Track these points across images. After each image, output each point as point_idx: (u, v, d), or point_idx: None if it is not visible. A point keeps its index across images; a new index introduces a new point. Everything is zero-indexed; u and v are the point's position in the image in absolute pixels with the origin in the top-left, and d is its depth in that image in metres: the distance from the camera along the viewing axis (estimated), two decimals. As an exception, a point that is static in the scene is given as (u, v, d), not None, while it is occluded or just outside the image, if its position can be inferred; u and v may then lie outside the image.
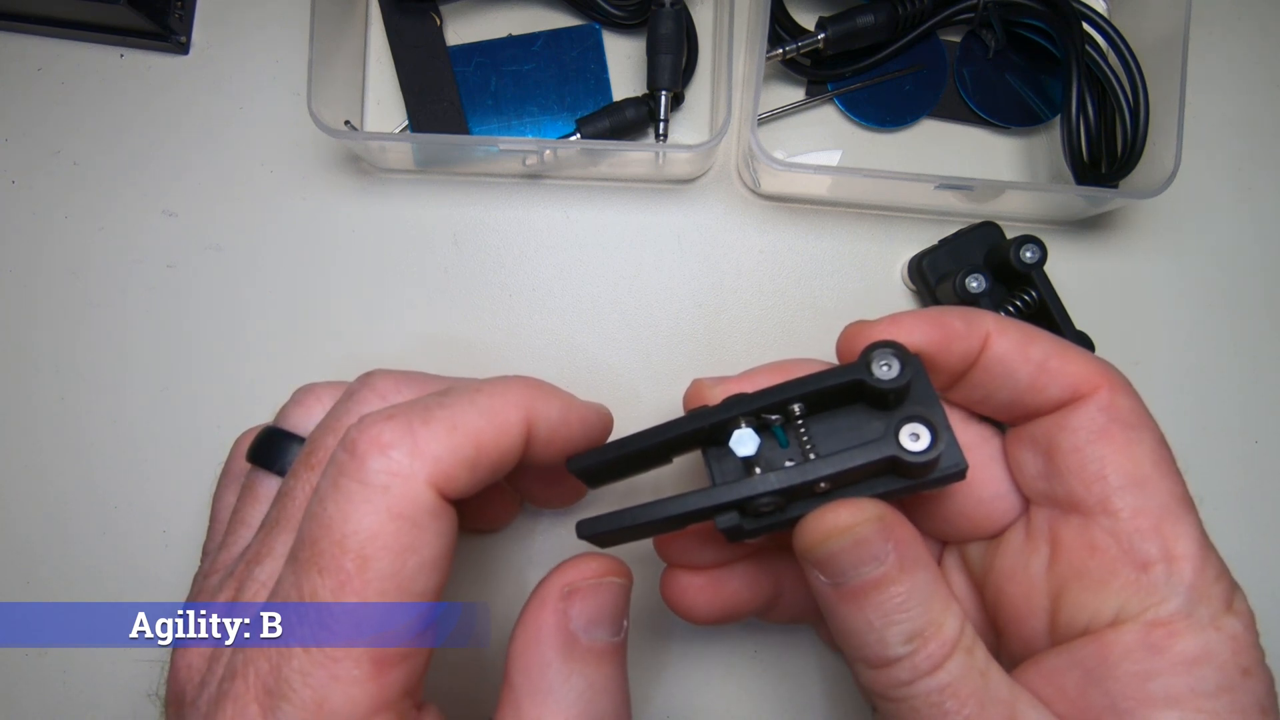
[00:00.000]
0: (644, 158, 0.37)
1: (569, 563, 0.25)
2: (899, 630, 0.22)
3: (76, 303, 0.39)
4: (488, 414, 0.23)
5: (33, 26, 0.40)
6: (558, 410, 0.25)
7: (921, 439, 0.22)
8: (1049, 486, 0.25)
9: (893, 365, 0.23)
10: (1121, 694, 0.21)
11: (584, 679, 0.23)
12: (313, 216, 0.39)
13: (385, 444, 0.21)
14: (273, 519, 0.24)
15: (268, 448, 0.28)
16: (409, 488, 0.21)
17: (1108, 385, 0.24)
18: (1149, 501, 0.23)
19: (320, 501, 0.21)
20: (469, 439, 0.22)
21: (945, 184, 0.36)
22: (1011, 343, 0.24)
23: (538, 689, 0.23)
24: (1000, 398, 0.25)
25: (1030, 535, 0.25)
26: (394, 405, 0.23)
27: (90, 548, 0.37)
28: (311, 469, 0.24)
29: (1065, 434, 0.24)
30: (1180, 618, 0.22)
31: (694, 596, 0.29)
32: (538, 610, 0.24)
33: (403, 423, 0.22)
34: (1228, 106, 0.41)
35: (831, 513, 0.23)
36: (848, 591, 0.23)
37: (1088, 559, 0.23)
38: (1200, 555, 0.22)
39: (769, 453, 0.24)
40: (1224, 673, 0.21)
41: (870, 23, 0.38)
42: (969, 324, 0.25)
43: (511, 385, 0.24)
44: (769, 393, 0.24)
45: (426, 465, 0.21)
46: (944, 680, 0.22)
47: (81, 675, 0.37)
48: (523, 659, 0.23)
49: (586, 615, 0.24)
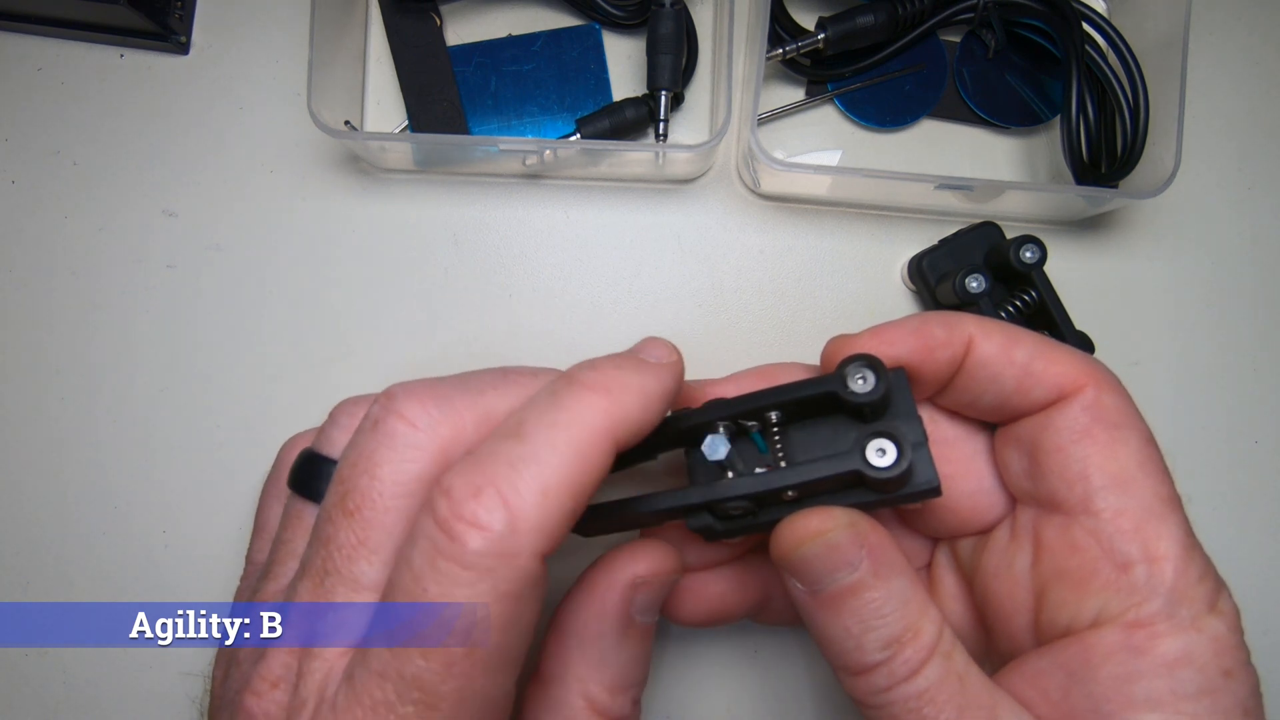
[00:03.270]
0: (644, 158, 0.37)
1: (642, 551, 0.25)
2: (875, 636, 0.22)
3: (77, 303, 0.39)
4: (575, 455, 0.21)
5: (33, 26, 0.40)
6: (638, 410, 0.23)
7: (887, 454, 0.22)
8: (1033, 486, 0.25)
9: (868, 379, 0.23)
10: (1104, 696, 0.21)
11: (630, 652, 0.25)
12: (313, 216, 0.39)
13: (484, 525, 0.20)
14: (318, 567, 0.23)
15: (309, 475, 0.26)
16: (513, 566, 0.20)
17: (1093, 384, 0.24)
18: (1131, 502, 0.23)
19: (417, 580, 0.20)
20: (566, 493, 0.21)
21: (945, 184, 0.36)
22: (995, 346, 0.24)
23: (590, 655, 0.25)
24: (986, 401, 0.25)
25: (1015, 534, 0.25)
26: (472, 464, 0.21)
27: (90, 548, 0.37)
28: (349, 515, 0.22)
29: (1049, 434, 0.24)
30: (1161, 619, 0.21)
31: (679, 597, 0.29)
32: (606, 591, 0.25)
33: (494, 495, 0.20)
34: (1228, 106, 0.41)
35: (803, 519, 0.23)
36: (824, 599, 0.23)
37: (1069, 559, 0.23)
38: (1182, 556, 0.22)
39: (745, 458, 0.24)
40: (1205, 674, 0.21)
41: (870, 23, 0.38)
42: (950, 331, 0.25)
43: (587, 404, 0.22)
44: (746, 399, 0.24)
45: (529, 539, 0.20)
46: (922, 686, 0.22)
47: (81, 675, 0.37)
48: (582, 626, 0.25)
49: (647, 603, 0.25)
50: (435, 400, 0.23)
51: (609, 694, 0.25)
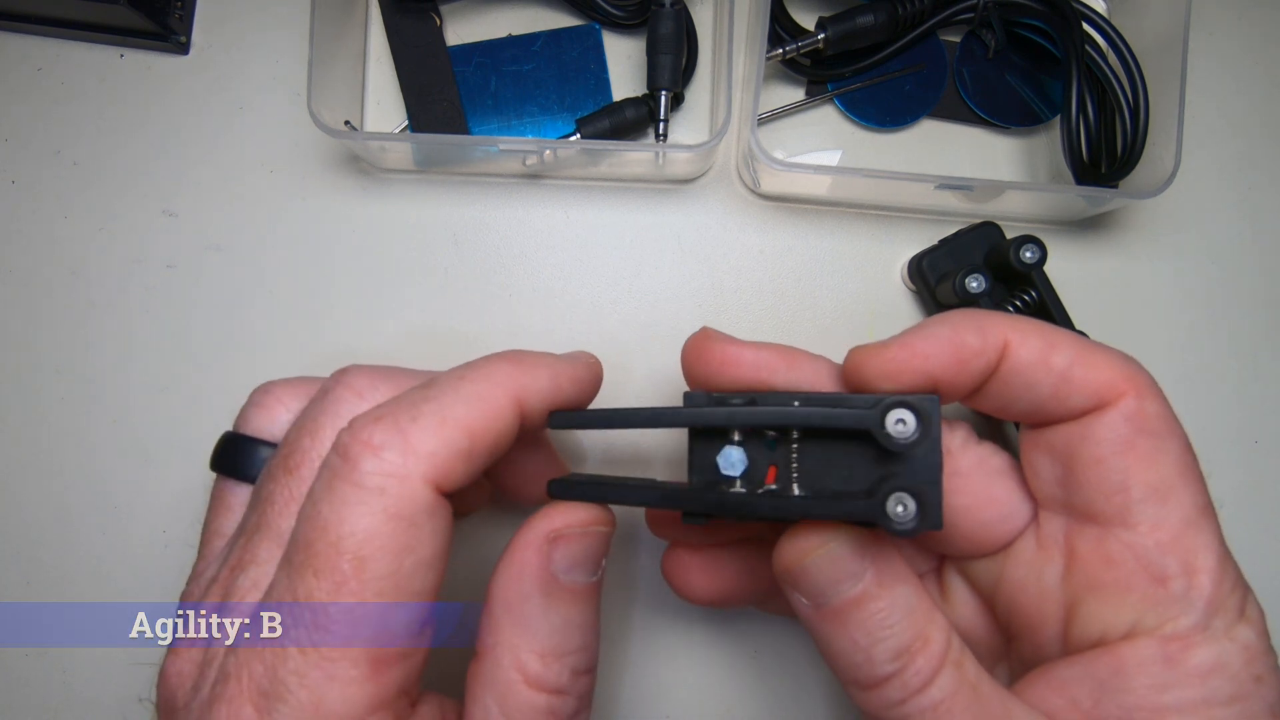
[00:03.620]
0: (644, 158, 0.37)
1: (556, 509, 0.24)
2: (884, 648, 0.22)
3: (77, 303, 0.39)
4: (476, 400, 0.23)
5: (33, 26, 0.40)
6: (546, 380, 0.24)
7: (908, 510, 0.21)
8: (1065, 495, 0.24)
9: (908, 423, 0.22)
10: (1136, 706, 0.21)
11: (560, 615, 0.24)
12: (313, 216, 0.39)
13: (377, 445, 0.21)
14: (252, 525, 0.24)
15: (232, 455, 0.27)
16: (405, 488, 0.21)
17: (1134, 392, 0.23)
18: (1170, 514, 0.22)
19: (314, 505, 0.21)
20: (460, 429, 0.22)
21: (945, 184, 0.36)
22: (1033, 352, 0.23)
23: (517, 621, 0.24)
24: (1019, 407, 0.24)
25: (1042, 544, 0.25)
26: (381, 405, 0.23)
27: (90, 548, 0.37)
28: (290, 473, 0.23)
29: (1088, 445, 0.23)
30: (1197, 631, 0.21)
31: (692, 575, 0.29)
32: (522, 550, 0.24)
33: (391, 422, 0.22)
34: (1228, 106, 0.41)
35: (804, 534, 0.23)
36: (830, 613, 0.23)
37: (1104, 571, 0.23)
38: (1219, 568, 0.22)
39: (752, 455, 0.24)
40: (1236, 681, 0.21)
41: (870, 23, 0.38)
42: (985, 338, 0.23)
43: (495, 365, 0.24)
44: (773, 414, 0.23)
45: (421, 463, 0.21)
46: (936, 697, 0.22)
47: (81, 675, 0.37)
48: (504, 592, 0.24)
49: (568, 560, 0.24)
50: (384, 377, 0.25)
51: (541, 662, 0.23)
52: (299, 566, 0.21)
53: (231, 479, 0.27)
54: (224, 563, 0.24)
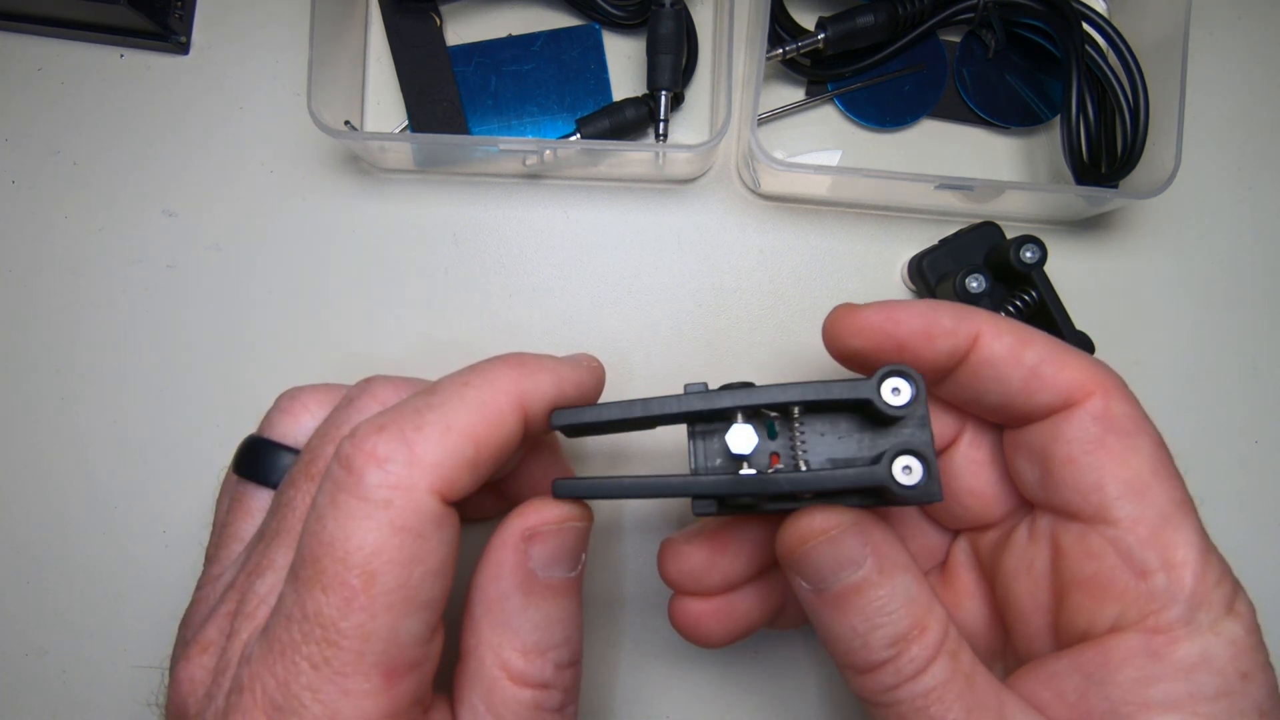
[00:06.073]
0: (644, 158, 0.37)
1: (531, 506, 0.25)
2: (882, 634, 0.22)
3: (76, 303, 0.39)
4: (479, 407, 0.23)
5: (33, 26, 0.40)
6: (549, 384, 0.24)
7: (914, 473, 0.22)
8: (1046, 495, 0.24)
9: (903, 390, 0.23)
10: (1122, 699, 0.21)
11: (540, 612, 0.24)
12: (313, 216, 0.39)
13: (381, 457, 0.21)
14: (272, 530, 0.24)
15: (254, 460, 0.27)
16: (410, 499, 0.21)
17: (1101, 391, 0.23)
18: (1147, 509, 0.23)
19: (319, 519, 0.21)
20: (465, 438, 0.22)
21: (945, 184, 0.36)
22: (1005, 346, 0.24)
23: (498, 620, 0.24)
24: (990, 400, 0.25)
25: (1034, 536, 0.25)
26: (383, 412, 0.22)
27: (90, 548, 0.37)
28: (312, 479, 0.24)
29: (1059, 444, 0.24)
30: (1180, 624, 0.22)
31: (706, 623, 0.28)
32: (499, 550, 0.24)
33: (395, 431, 0.21)
34: (1228, 106, 0.41)
35: (807, 518, 0.23)
36: (829, 597, 0.23)
37: (1087, 565, 0.23)
38: (1200, 561, 0.22)
39: (758, 442, 0.24)
40: (1223, 677, 0.21)
41: (870, 23, 0.38)
42: (958, 321, 0.24)
43: (498, 370, 0.24)
44: (773, 390, 0.23)
45: (426, 474, 0.21)
46: (929, 684, 0.22)
47: (82, 676, 0.37)
48: (483, 591, 0.24)
49: (545, 556, 0.24)
50: (410, 387, 0.25)
51: (523, 658, 0.23)
52: (306, 582, 0.21)
53: (253, 483, 0.27)
54: (241, 567, 0.24)
